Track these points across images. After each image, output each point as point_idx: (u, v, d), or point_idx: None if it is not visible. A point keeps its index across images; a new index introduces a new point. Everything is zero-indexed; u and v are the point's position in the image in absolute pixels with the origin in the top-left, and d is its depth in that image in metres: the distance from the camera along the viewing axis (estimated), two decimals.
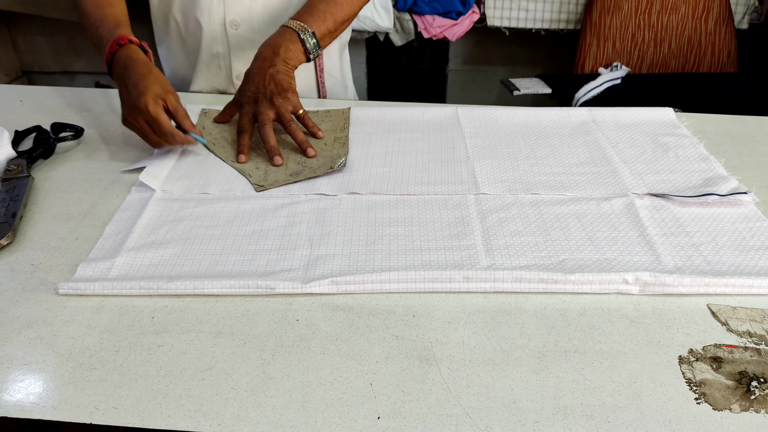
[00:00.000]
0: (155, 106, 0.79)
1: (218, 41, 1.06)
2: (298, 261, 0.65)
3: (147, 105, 0.79)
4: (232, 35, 1.06)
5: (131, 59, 0.84)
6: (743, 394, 0.51)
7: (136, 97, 0.80)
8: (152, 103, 0.79)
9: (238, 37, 1.06)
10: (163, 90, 0.81)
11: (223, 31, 1.05)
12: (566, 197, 0.77)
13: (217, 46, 1.07)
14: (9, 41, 2.43)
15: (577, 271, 0.63)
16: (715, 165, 0.83)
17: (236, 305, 0.60)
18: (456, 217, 0.73)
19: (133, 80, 0.81)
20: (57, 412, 0.49)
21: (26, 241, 0.69)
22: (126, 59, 0.84)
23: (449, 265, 0.64)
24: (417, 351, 0.55)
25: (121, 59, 0.85)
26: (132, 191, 0.78)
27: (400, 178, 0.81)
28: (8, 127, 0.89)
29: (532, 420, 0.49)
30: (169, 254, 0.67)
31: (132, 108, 0.80)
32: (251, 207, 0.75)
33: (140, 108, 0.79)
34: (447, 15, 2.07)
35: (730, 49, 1.92)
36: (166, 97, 0.81)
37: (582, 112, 0.99)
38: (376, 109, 1.00)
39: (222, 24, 1.05)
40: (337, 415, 0.49)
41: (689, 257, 0.66)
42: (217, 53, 1.08)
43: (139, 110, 0.79)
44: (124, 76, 0.83)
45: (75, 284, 0.61)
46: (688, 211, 0.74)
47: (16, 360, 0.54)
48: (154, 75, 0.82)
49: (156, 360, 0.54)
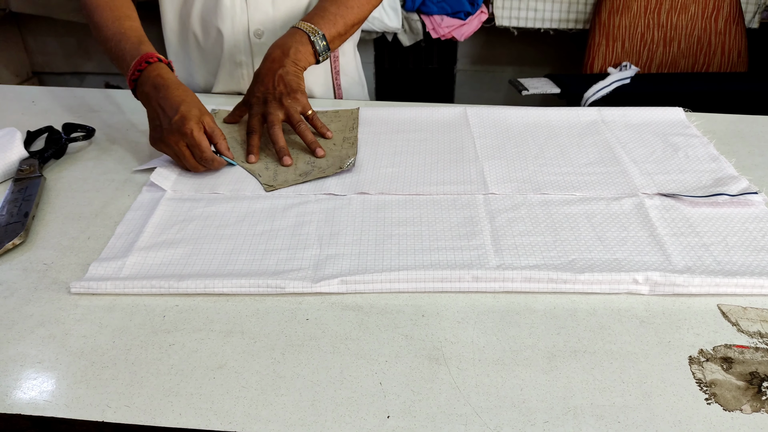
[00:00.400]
0: (199, 131, 0.79)
1: (241, 50, 1.06)
2: (307, 260, 0.66)
3: (192, 130, 0.78)
4: (255, 44, 1.05)
5: (163, 79, 0.82)
6: (754, 394, 0.51)
7: (179, 122, 0.78)
8: (197, 128, 0.78)
9: (261, 45, 1.05)
10: (201, 112, 0.80)
11: (247, 41, 1.05)
12: (575, 197, 0.77)
13: (240, 55, 1.07)
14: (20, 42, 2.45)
15: (587, 271, 0.62)
16: (726, 165, 0.83)
17: (246, 304, 0.61)
18: (465, 217, 0.73)
19: (172, 103, 0.80)
20: (69, 409, 0.50)
21: (38, 241, 0.70)
22: (157, 78, 0.82)
23: (458, 265, 0.64)
24: (426, 350, 0.55)
25: (150, 78, 0.83)
26: (143, 191, 0.78)
27: (409, 178, 0.81)
28: (20, 127, 0.90)
29: (542, 420, 0.49)
30: (180, 253, 0.67)
31: (173, 132, 0.79)
32: (261, 207, 0.75)
33: (185, 132, 0.78)
34: (455, 15, 2.07)
35: (740, 49, 1.91)
36: (203, 119, 0.80)
37: (591, 112, 0.99)
38: (385, 109, 1.01)
39: (246, 33, 1.05)
40: (347, 414, 0.49)
41: (699, 257, 0.66)
42: (240, 62, 1.07)
43: (183, 134, 0.78)
44: (158, 97, 0.81)
45: (87, 283, 0.62)
46: (698, 211, 0.74)
47: (29, 358, 0.55)
48: (191, 97, 0.82)
49: (167, 359, 0.54)
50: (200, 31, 1.06)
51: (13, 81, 2.40)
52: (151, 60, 0.84)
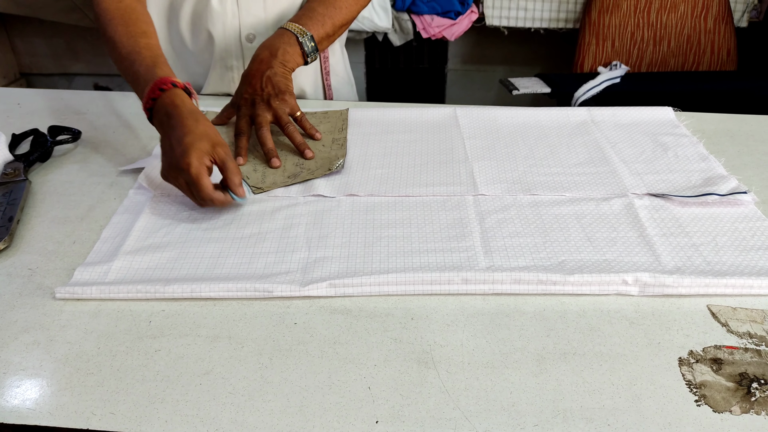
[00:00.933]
0: (199, 166, 0.70)
1: (233, 55, 1.05)
2: (296, 263, 0.65)
3: (190, 165, 0.69)
4: (247, 48, 1.04)
5: (176, 107, 0.74)
6: (744, 395, 0.51)
7: (179, 155, 0.70)
8: (196, 163, 0.69)
9: (253, 50, 1.04)
10: (211, 144, 0.72)
11: (239, 45, 1.04)
12: (565, 198, 0.76)
13: (232, 59, 1.06)
14: (7, 44, 2.42)
15: (577, 272, 0.62)
16: (715, 164, 0.83)
17: (234, 309, 0.60)
18: (454, 218, 0.73)
19: (178, 134, 0.72)
20: (54, 417, 0.49)
21: (23, 245, 0.69)
22: (170, 107, 0.75)
23: (448, 267, 0.64)
24: (415, 354, 0.55)
25: (163, 106, 0.75)
26: (129, 194, 0.77)
27: (399, 180, 0.81)
28: (5, 130, 0.89)
29: (532, 423, 0.49)
30: (167, 257, 0.66)
31: (173, 166, 0.71)
32: (249, 209, 0.75)
33: (182, 168, 0.70)
34: (445, 15, 2.07)
35: (729, 48, 1.92)
36: (214, 151, 0.72)
37: (581, 112, 0.99)
38: (374, 110, 1.00)
39: (237, 38, 1.04)
40: (335, 419, 0.49)
41: (689, 257, 0.66)
42: (231, 66, 1.06)
43: (180, 170, 0.70)
44: (168, 127, 0.74)
45: (72, 288, 0.61)
46: (687, 211, 0.74)
47: (12, 365, 0.54)
48: (201, 128, 0.73)
49: (153, 364, 0.54)
50: (189, 34, 1.05)
51: (1, 83, 2.38)
52: (165, 87, 0.76)
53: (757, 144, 0.91)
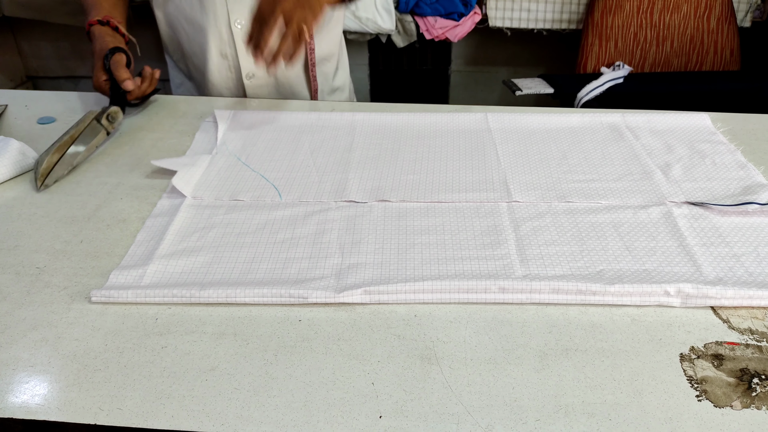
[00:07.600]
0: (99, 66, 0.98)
1: (225, 42, 1.08)
2: (329, 269, 0.65)
3: None
4: (237, 33, 1.07)
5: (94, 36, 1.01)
6: (744, 391, 0.51)
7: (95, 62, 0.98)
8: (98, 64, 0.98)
9: (243, 35, 1.06)
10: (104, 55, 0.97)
11: (229, 31, 1.07)
12: (601, 205, 0.75)
13: (225, 47, 1.08)
14: (14, 47, 2.44)
15: (617, 282, 0.61)
16: (754, 173, 0.82)
17: (239, 306, 0.61)
18: (488, 225, 0.72)
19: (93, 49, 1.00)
20: (62, 413, 0.50)
21: (31, 245, 0.70)
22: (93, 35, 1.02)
23: (483, 275, 0.63)
24: (419, 350, 0.56)
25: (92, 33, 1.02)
26: (163, 197, 0.78)
27: (431, 185, 0.80)
28: (13, 131, 0.90)
29: (534, 418, 0.49)
30: (201, 262, 0.66)
31: None
32: (281, 214, 0.74)
33: None
34: (449, 16, 2.08)
35: (732, 48, 1.92)
36: None
37: (615, 117, 0.97)
38: (405, 114, 0.99)
39: (227, 24, 1.06)
40: (339, 415, 0.50)
41: (730, 268, 0.64)
42: (225, 54, 1.09)
43: None
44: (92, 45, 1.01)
45: (108, 292, 0.61)
46: (727, 220, 0.72)
47: (21, 362, 0.55)
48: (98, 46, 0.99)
49: (160, 361, 0.55)
50: (188, 29, 1.08)
51: (7, 86, 2.39)
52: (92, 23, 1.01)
53: (760, 143, 0.92)
